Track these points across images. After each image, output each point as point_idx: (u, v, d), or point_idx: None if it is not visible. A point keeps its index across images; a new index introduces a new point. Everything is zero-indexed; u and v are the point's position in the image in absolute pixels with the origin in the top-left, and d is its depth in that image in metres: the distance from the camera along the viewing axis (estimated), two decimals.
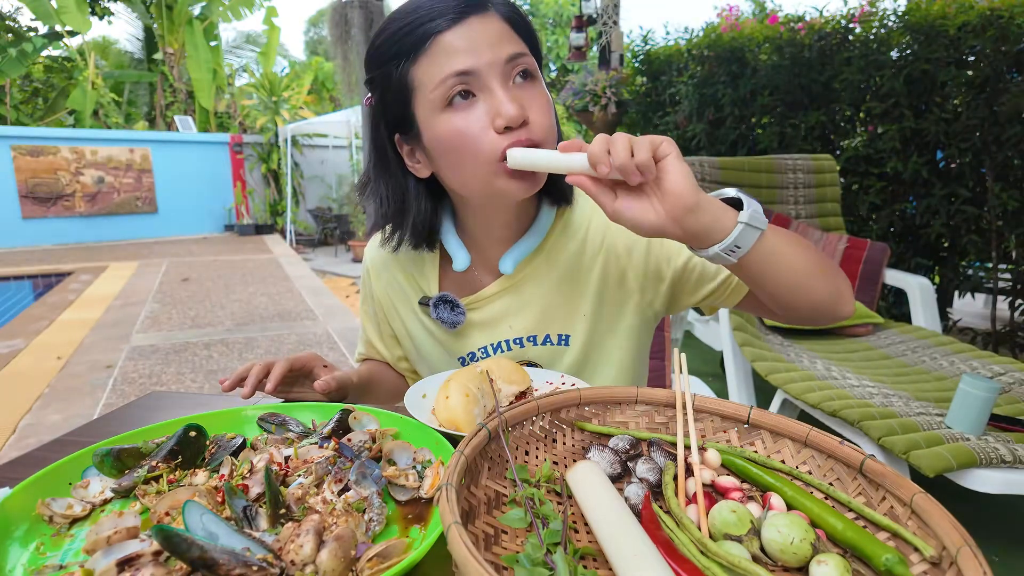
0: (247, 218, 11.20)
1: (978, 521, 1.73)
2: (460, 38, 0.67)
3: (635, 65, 3.98)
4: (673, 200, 0.56)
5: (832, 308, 0.69)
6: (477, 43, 0.67)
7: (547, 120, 0.70)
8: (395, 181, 0.80)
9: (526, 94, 0.69)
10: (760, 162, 2.66)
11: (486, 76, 0.67)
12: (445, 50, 0.67)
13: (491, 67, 0.67)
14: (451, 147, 0.70)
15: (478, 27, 0.67)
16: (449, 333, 0.87)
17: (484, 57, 0.67)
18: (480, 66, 0.67)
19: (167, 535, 0.39)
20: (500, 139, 0.67)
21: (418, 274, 0.89)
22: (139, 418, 0.80)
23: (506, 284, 0.84)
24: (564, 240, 0.84)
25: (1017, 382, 1.64)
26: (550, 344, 0.84)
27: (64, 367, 3.52)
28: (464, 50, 0.67)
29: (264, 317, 4.77)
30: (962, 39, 2.55)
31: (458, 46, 0.67)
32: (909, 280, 2.33)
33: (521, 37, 0.71)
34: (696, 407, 0.56)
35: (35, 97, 12.28)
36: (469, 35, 0.67)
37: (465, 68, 0.67)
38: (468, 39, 0.67)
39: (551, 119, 0.71)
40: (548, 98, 0.72)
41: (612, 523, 0.43)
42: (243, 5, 12.45)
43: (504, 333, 0.85)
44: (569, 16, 14.51)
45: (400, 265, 0.91)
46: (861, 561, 0.41)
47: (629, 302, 0.84)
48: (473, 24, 0.67)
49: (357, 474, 0.53)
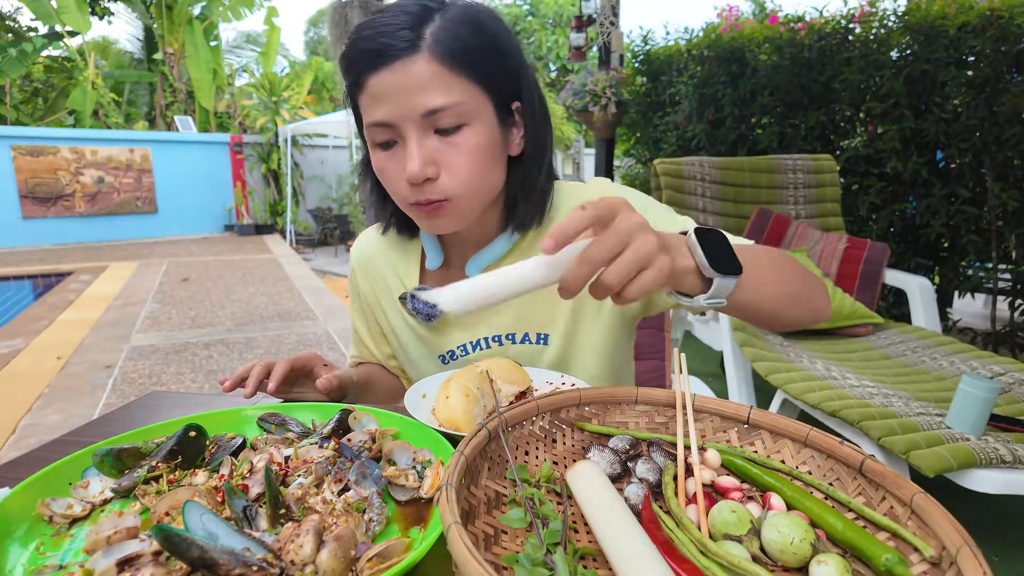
0: (247, 218, 11.19)
1: (978, 521, 1.73)
2: (384, 83, 0.66)
3: (635, 65, 3.98)
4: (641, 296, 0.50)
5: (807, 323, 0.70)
6: (398, 92, 0.65)
7: (460, 177, 0.69)
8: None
9: (445, 148, 0.68)
10: (760, 162, 2.66)
11: (402, 128, 0.67)
12: (372, 95, 0.67)
13: (407, 120, 0.66)
14: (381, 179, 0.73)
15: (401, 73, 0.65)
16: (429, 329, 0.88)
17: (402, 108, 0.66)
18: (396, 118, 0.66)
19: (167, 535, 0.39)
20: (409, 190, 0.69)
21: (402, 271, 0.90)
22: (139, 418, 0.80)
23: None
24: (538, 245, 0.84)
25: (1017, 382, 1.64)
26: (529, 343, 0.84)
27: (64, 367, 3.52)
28: (385, 98, 0.66)
29: (264, 317, 4.77)
30: (962, 39, 2.55)
31: (381, 93, 0.66)
32: (909, 280, 2.33)
33: (465, 73, 0.66)
34: (696, 407, 0.56)
35: (35, 97, 12.28)
36: (391, 81, 0.65)
37: (382, 119, 0.67)
38: (391, 85, 0.65)
39: (474, 169, 0.69)
40: (478, 145, 0.69)
41: (612, 523, 0.43)
42: (243, 5, 12.44)
43: (483, 331, 0.85)
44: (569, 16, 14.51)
45: (385, 262, 0.92)
46: (861, 561, 0.41)
47: (607, 302, 0.83)
48: (398, 68, 0.65)
49: (357, 474, 0.53)
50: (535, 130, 0.76)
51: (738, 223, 2.59)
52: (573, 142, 13.43)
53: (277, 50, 13.27)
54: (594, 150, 4.57)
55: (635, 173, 4.20)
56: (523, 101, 0.74)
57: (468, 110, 0.67)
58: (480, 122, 0.69)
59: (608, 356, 0.86)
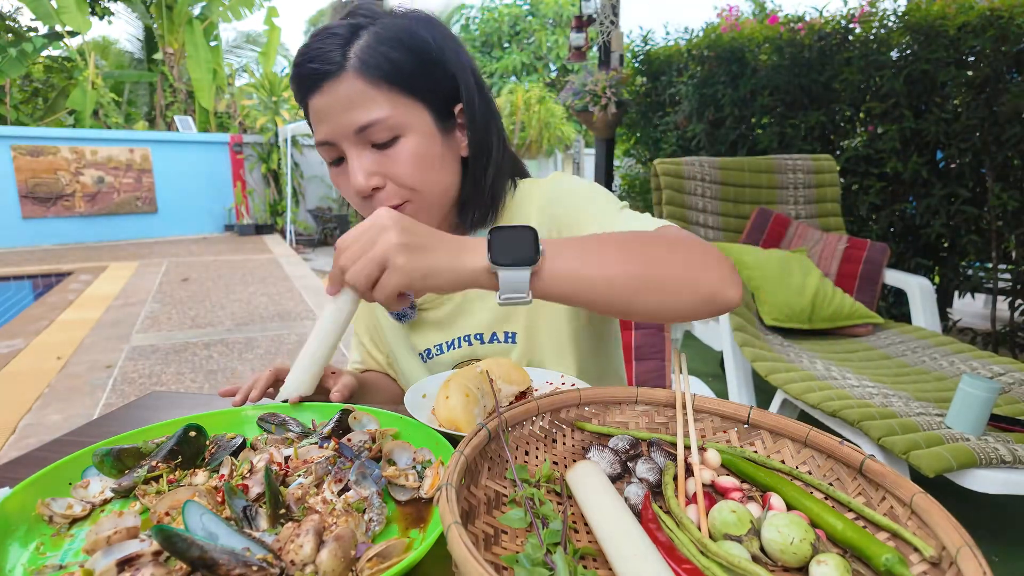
0: (247, 218, 11.19)
1: (978, 521, 1.73)
2: (320, 105, 0.69)
3: (635, 65, 3.98)
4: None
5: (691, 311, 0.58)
6: (331, 111, 0.69)
7: (407, 183, 0.71)
8: None
9: (383, 160, 0.70)
10: (760, 162, 2.66)
11: (341, 145, 0.70)
12: (313, 116, 0.71)
13: (343, 138, 0.69)
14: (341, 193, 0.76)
15: (332, 93, 0.68)
16: (408, 328, 0.91)
17: (337, 127, 0.69)
18: (334, 137, 0.70)
19: (167, 535, 0.39)
20: (361, 202, 0.72)
21: None
22: (139, 418, 0.80)
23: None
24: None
25: (1017, 382, 1.64)
26: (497, 342, 0.85)
27: (64, 367, 3.52)
28: (323, 118, 0.70)
29: (264, 317, 4.77)
30: (962, 39, 2.55)
31: (318, 113, 0.70)
32: (909, 280, 2.33)
33: (397, 86, 0.68)
34: (696, 407, 0.56)
35: (35, 97, 12.27)
36: (325, 102, 0.69)
37: (323, 139, 0.70)
38: (325, 106, 0.69)
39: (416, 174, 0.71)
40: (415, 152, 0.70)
41: (612, 523, 0.43)
42: (243, 5, 12.44)
43: (457, 331, 0.87)
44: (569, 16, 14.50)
45: None
46: (861, 561, 0.41)
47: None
48: (327, 90, 0.68)
49: (357, 474, 0.53)
50: (476, 132, 0.76)
51: (738, 223, 2.60)
52: (573, 142, 13.42)
53: (277, 50, 13.25)
54: (594, 150, 4.57)
55: (635, 173, 4.20)
56: (464, 103, 0.75)
57: (400, 123, 0.69)
58: (415, 132, 0.71)
59: (575, 352, 0.85)
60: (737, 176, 2.62)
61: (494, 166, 0.79)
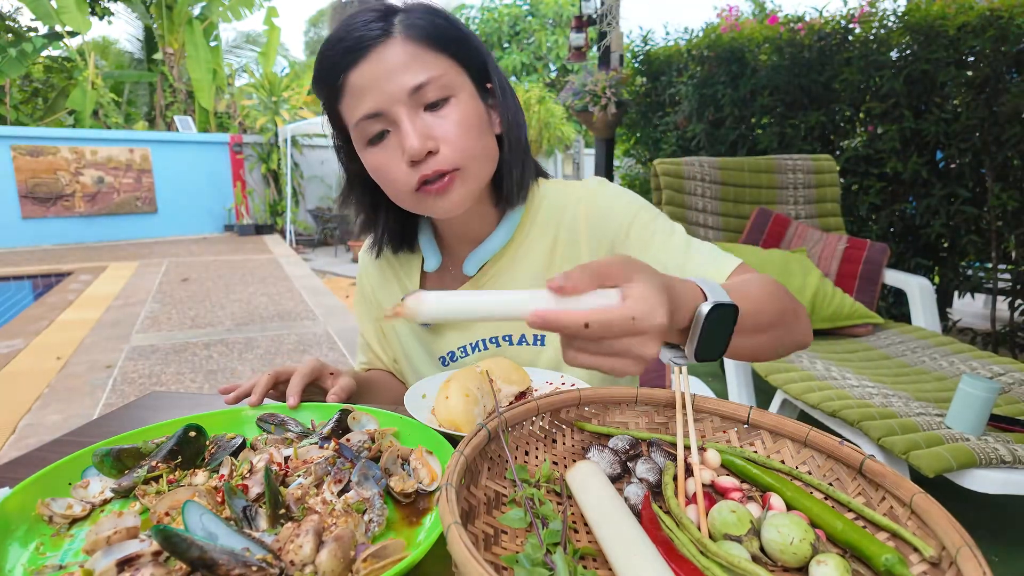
0: (247, 218, 11.19)
1: (978, 521, 1.73)
2: (364, 76, 0.67)
3: (635, 65, 3.98)
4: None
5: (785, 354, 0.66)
6: (379, 79, 0.67)
7: (459, 145, 0.69)
8: (365, 194, 0.83)
9: (438, 120, 0.69)
10: (760, 162, 2.66)
11: (392, 112, 0.68)
12: (353, 91, 0.69)
13: (395, 102, 0.67)
14: (378, 178, 0.73)
15: (380, 60, 0.67)
16: (428, 332, 0.89)
17: (387, 93, 0.67)
18: (384, 104, 0.67)
19: (167, 535, 0.39)
20: (410, 172, 0.69)
21: (404, 274, 0.92)
22: (139, 418, 0.80)
23: (475, 285, 0.85)
24: (533, 238, 0.84)
25: (1017, 382, 1.64)
26: (526, 344, 0.85)
27: (64, 367, 3.52)
28: (368, 89, 0.67)
29: (264, 317, 4.76)
30: (962, 39, 2.55)
31: (363, 85, 0.68)
32: (909, 280, 2.33)
33: (441, 50, 0.69)
34: (696, 407, 0.56)
35: (35, 97, 12.27)
36: (372, 71, 0.67)
37: (371, 110, 0.68)
38: (371, 76, 0.67)
39: (469, 138, 0.70)
40: (468, 115, 0.70)
41: (612, 523, 0.43)
42: (243, 5, 12.44)
43: (480, 333, 0.86)
44: (569, 16, 14.50)
45: (389, 265, 0.94)
46: (861, 561, 0.41)
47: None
48: (374, 58, 0.67)
49: (359, 475, 0.53)
50: (507, 108, 0.77)
51: (738, 223, 2.59)
52: (573, 142, 13.42)
53: (277, 50, 13.26)
54: (594, 150, 4.57)
55: (635, 173, 4.20)
56: (493, 82, 0.76)
57: (450, 82, 0.69)
58: (464, 93, 0.71)
59: None
60: (737, 176, 2.61)
61: (525, 144, 0.80)
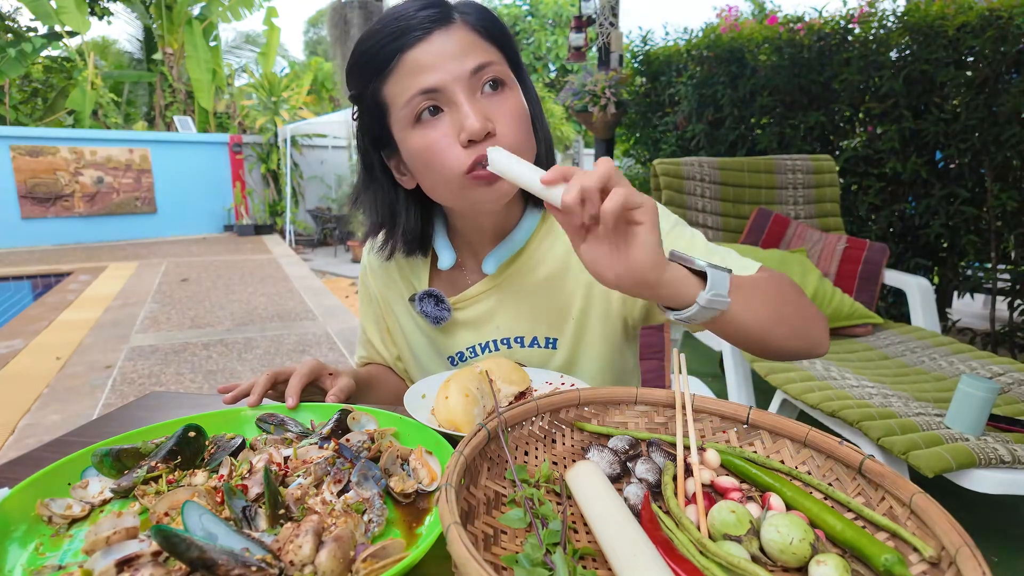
0: (246, 218, 11.18)
1: (977, 521, 1.73)
2: (425, 54, 0.67)
3: (634, 65, 3.98)
4: (634, 271, 0.53)
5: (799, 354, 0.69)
6: (442, 58, 0.67)
7: (516, 130, 0.70)
8: (383, 192, 0.81)
9: (494, 105, 0.69)
10: (759, 162, 2.66)
11: (451, 91, 0.67)
12: (411, 68, 0.68)
13: (456, 81, 0.67)
14: (422, 161, 0.71)
15: (443, 41, 0.67)
16: (437, 331, 0.88)
17: (449, 72, 0.67)
18: (445, 81, 0.67)
19: (166, 535, 0.39)
20: (465, 153, 0.68)
21: (411, 272, 0.91)
22: (138, 418, 0.80)
23: (490, 284, 0.85)
24: (550, 241, 0.84)
25: (1016, 382, 1.64)
26: (538, 347, 0.85)
27: (63, 367, 3.52)
28: (429, 66, 0.67)
29: (263, 317, 4.76)
30: (961, 40, 2.55)
31: (423, 63, 0.68)
32: (908, 280, 2.33)
33: (493, 43, 0.71)
34: (695, 407, 0.56)
35: (34, 97, 12.26)
36: (434, 50, 0.67)
37: (430, 86, 0.67)
38: (433, 55, 0.67)
39: (521, 129, 0.70)
40: (520, 107, 0.71)
41: (611, 523, 0.43)
42: (243, 5, 12.43)
43: (491, 333, 0.86)
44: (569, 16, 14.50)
45: (395, 263, 0.93)
46: (860, 561, 0.41)
47: (613, 308, 0.85)
48: (437, 39, 0.67)
49: (359, 475, 0.53)
50: (532, 104, 0.78)
51: (738, 223, 2.59)
52: (572, 142, 13.43)
53: (277, 50, 13.25)
54: (593, 150, 4.58)
55: (635, 173, 4.20)
56: (527, 83, 0.77)
57: (504, 73, 0.71)
58: (513, 84, 0.72)
59: (612, 362, 0.87)
60: (736, 176, 2.62)
61: (551, 147, 0.81)
